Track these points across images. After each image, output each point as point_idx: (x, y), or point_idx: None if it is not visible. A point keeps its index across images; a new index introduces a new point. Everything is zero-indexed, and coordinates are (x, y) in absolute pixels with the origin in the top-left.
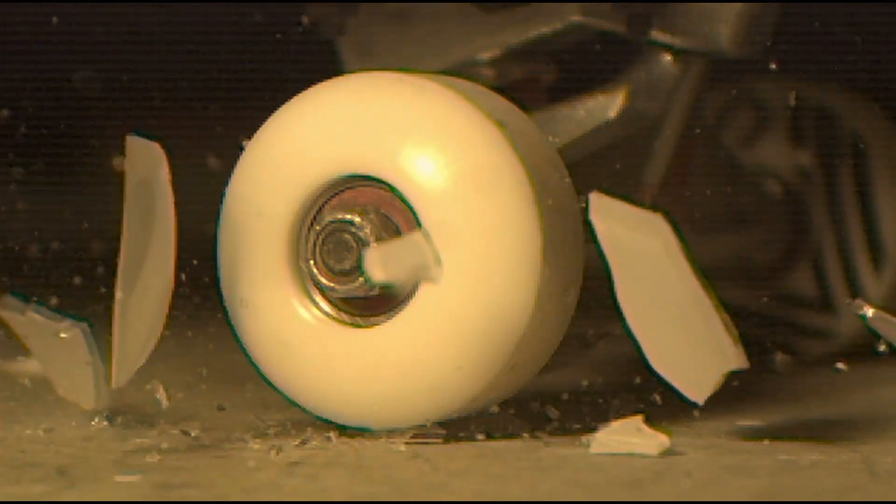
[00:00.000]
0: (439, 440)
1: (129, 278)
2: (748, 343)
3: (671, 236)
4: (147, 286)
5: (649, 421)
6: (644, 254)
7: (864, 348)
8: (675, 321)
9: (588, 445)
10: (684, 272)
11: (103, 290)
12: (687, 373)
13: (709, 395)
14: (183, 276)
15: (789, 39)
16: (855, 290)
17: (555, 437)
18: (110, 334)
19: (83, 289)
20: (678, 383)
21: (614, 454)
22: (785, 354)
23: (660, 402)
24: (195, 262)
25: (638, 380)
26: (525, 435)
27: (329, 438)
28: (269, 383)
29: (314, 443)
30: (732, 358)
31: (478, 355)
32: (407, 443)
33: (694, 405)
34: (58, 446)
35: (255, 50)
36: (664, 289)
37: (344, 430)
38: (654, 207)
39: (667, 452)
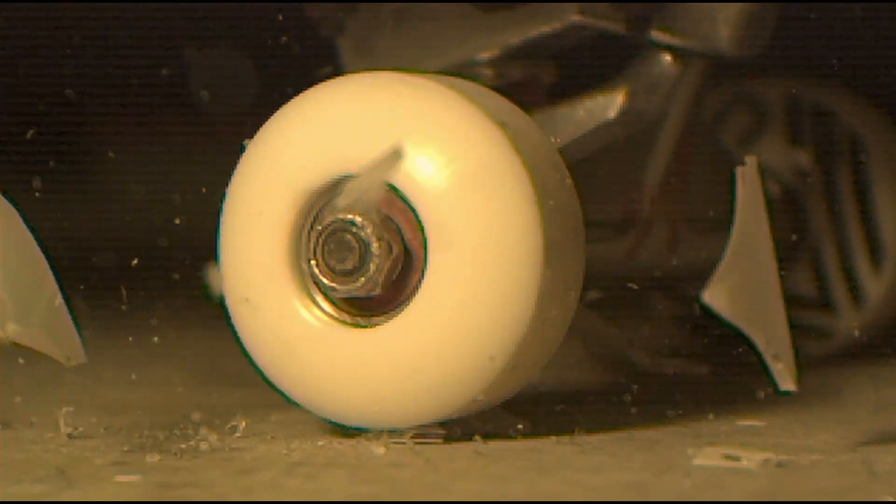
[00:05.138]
0: (439, 440)
1: None
2: (748, 343)
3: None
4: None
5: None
6: None
7: (864, 348)
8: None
9: (693, 457)
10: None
11: None
12: (779, 358)
13: (796, 383)
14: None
15: (789, 39)
16: (855, 290)
17: (555, 437)
18: None
19: None
20: (773, 367)
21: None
22: None
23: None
24: (193, 261)
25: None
26: (525, 435)
27: (328, 439)
28: (270, 383)
29: (313, 442)
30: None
31: (478, 356)
32: (407, 443)
33: (785, 393)
34: (58, 446)
35: (255, 50)
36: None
37: (344, 430)
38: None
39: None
